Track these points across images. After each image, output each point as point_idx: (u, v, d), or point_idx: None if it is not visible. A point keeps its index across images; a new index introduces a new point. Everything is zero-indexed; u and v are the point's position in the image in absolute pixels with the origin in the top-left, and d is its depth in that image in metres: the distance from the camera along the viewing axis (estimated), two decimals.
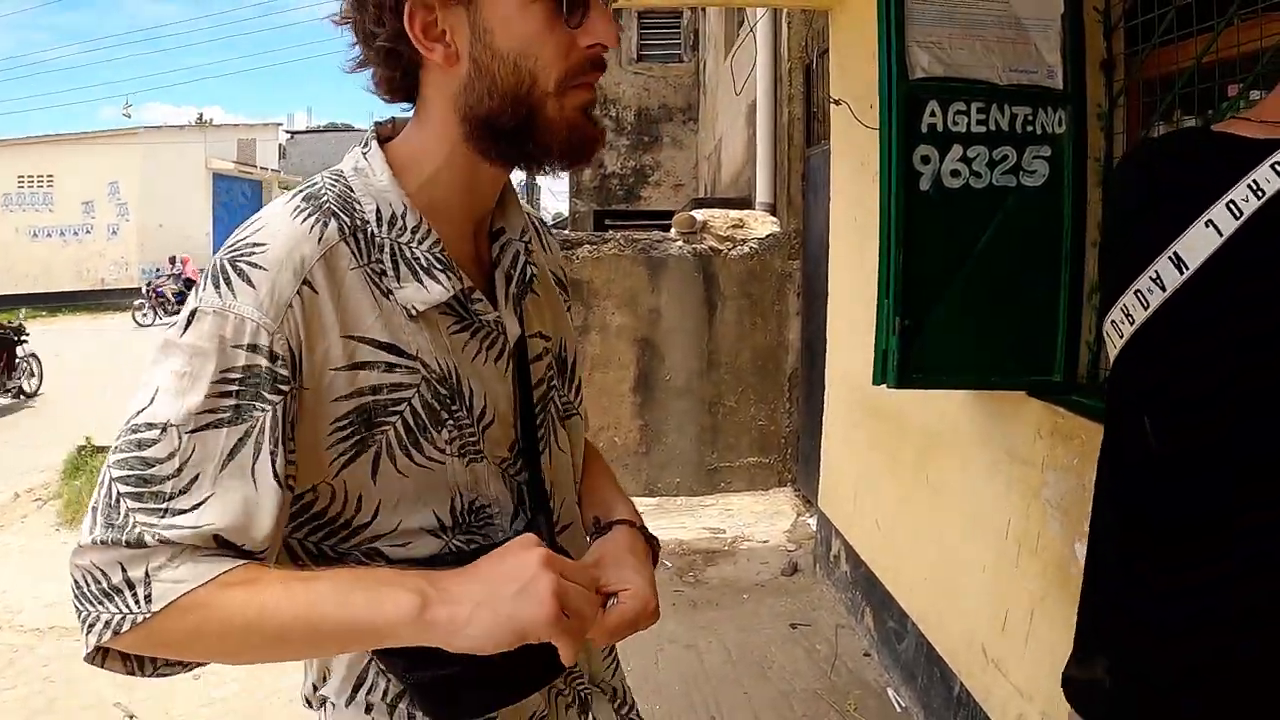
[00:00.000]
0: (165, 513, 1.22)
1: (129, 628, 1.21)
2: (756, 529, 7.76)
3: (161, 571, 1.21)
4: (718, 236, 8.67)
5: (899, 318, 3.26)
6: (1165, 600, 1.70)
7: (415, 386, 1.35)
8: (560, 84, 1.32)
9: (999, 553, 3.74)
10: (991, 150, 3.23)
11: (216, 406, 1.24)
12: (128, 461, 1.24)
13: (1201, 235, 1.57)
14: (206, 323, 1.25)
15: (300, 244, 1.29)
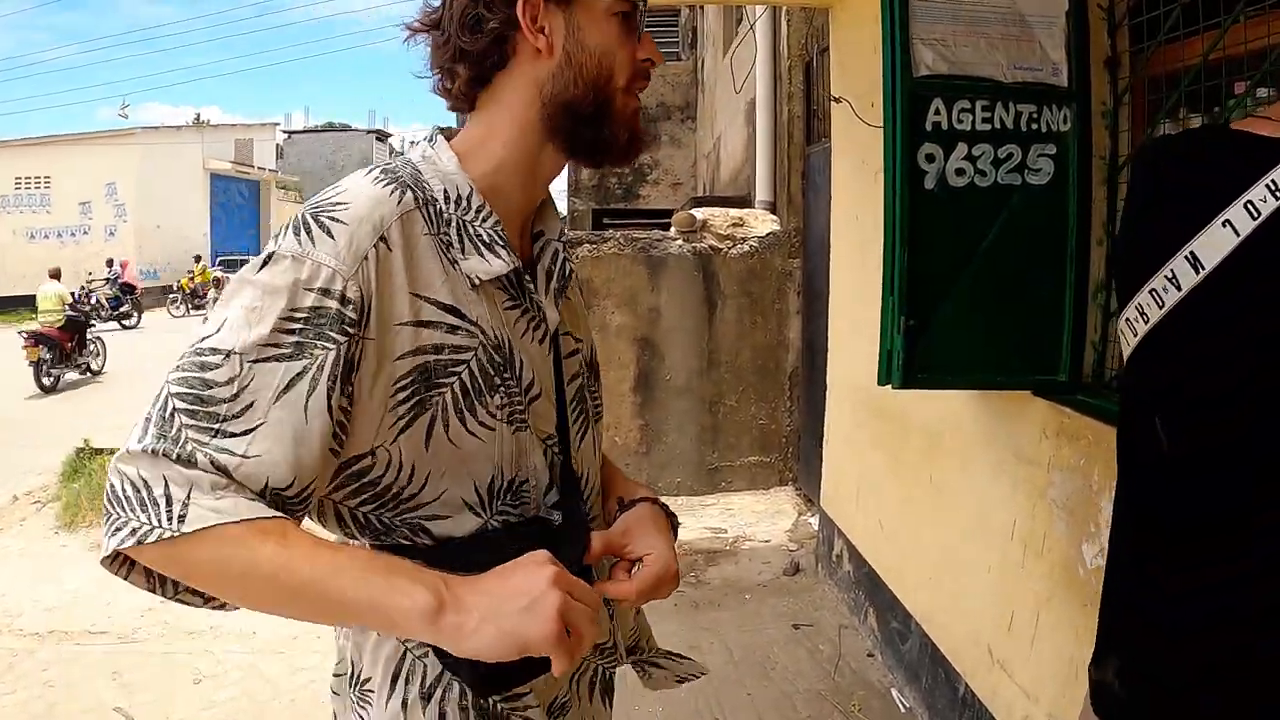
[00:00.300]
0: (217, 433, 1.29)
1: (154, 540, 1.25)
2: (758, 529, 7.75)
3: (203, 498, 1.26)
4: (718, 235, 8.65)
5: (904, 317, 3.24)
6: (1179, 601, 1.69)
7: (474, 350, 1.47)
8: (628, 83, 1.57)
9: (1004, 553, 3.73)
10: (996, 148, 3.21)
11: (280, 341, 1.32)
12: (188, 380, 1.31)
13: (1219, 235, 1.55)
14: (283, 265, 1.35)
15: (381, 205, 1.42)
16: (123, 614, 6.52)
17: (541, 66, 1.53)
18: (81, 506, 8.90)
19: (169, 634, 6.19)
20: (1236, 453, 1.60)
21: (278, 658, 5.76)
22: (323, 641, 5.95)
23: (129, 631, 6.22)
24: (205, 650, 5.89)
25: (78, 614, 6.57)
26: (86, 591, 7.01)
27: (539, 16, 1.50)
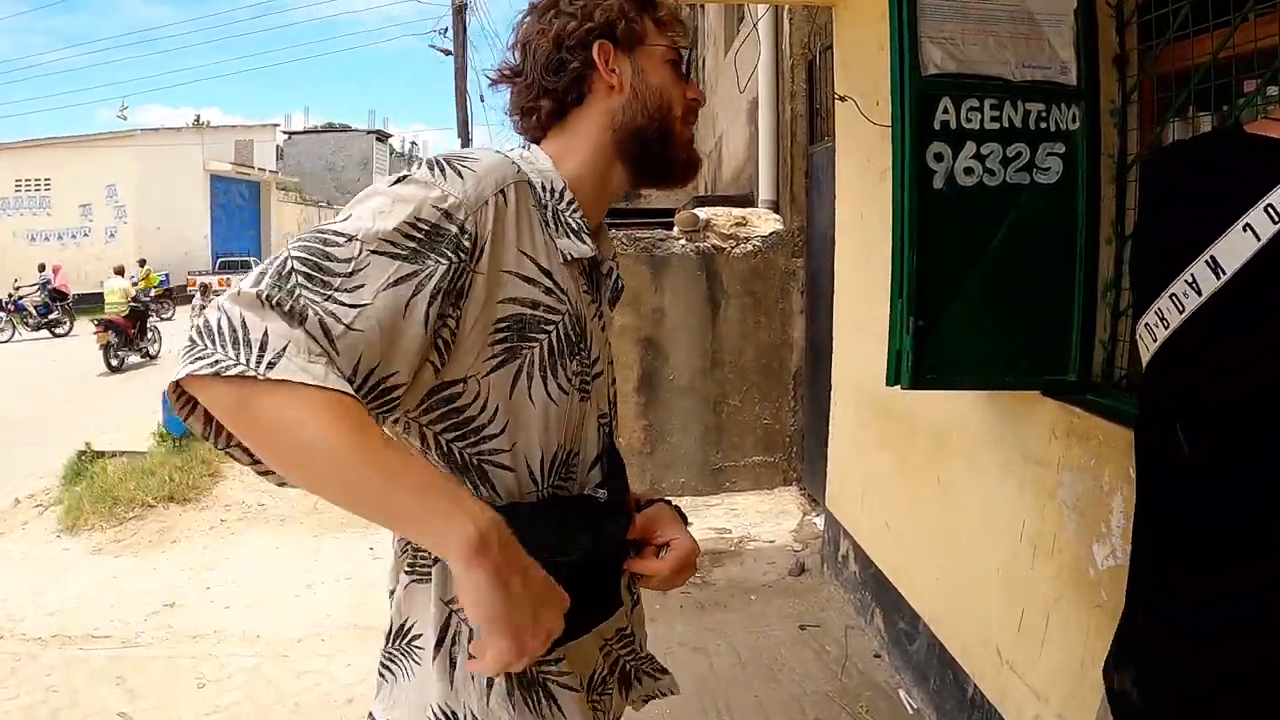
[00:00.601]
0: (328, 298, 1.42)
1: (232, 374, 1.33)
2: (762, 529, 7.74)
3: (296, 356, 1.36)
4: (721, 234, 8.64)
5: (913, 318, 3.23)
6: (1199, 606, 1.69)
7: (562, 315, 1.69)
8: (683, 115, 1.87)
9: (1013, 554, 3.71)
10: (1005, 147, 3.20)
11: (399, 241, 1.48)
12: (310, 248, 1.46)
13: (1239, 239, 1.54)
14: (416, 184, 1.55)
15: (504, 167, 1.65)
16: (126, 618, 6.51)
17: (613, 100, 1.82)
18: (84, 510, 8.88)
19: (172, 638, 6.18)
20: (1257, 458, 1.59)
21: (282, 661, 5.75)
22: (326, 645, 5.96)
23: (132, 636, 6.21)
24: (209, 654, 5.87)
25: (80, 618, 6.55)
26: (89, 595, 7.00)
27: (611, 60, 1.80)
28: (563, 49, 1.79)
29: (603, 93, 1.83)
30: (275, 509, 9.08)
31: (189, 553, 8.04)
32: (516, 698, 1.67)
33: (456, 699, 1.67)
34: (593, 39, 1.79)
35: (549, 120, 1.85)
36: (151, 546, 8.21)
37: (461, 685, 1.67)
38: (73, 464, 10.48)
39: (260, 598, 6.89)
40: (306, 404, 1.34)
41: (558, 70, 1.80)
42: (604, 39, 1.79)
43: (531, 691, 1.70)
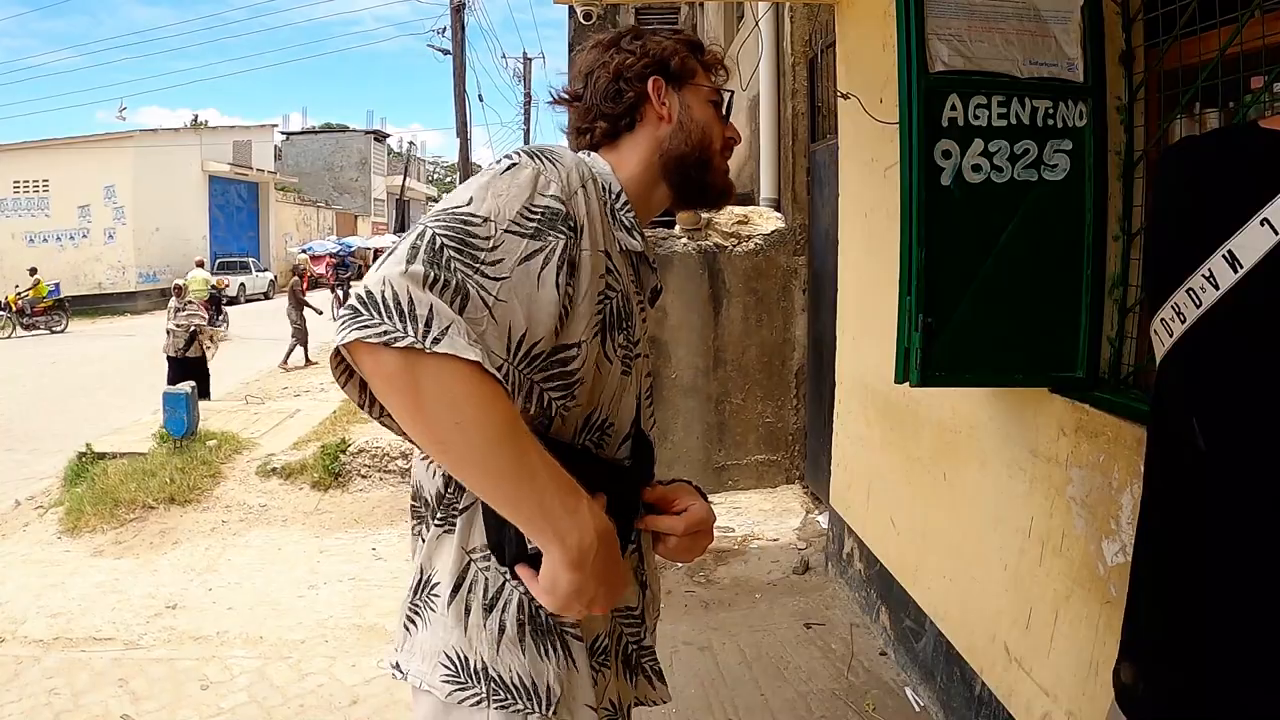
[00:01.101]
0: (479, 271, 1.57)
1: (400, 346, 1.44)
2: (766, 527, 7.74)
3: (458, 336, 1.48)
4: (722, 233, 8.65)
5: (922, 315, 3.23)
6: (1213, 601, 1.68)
7: (619, 291, 1.85)
8: (721, 150, 2.09)
9: (1021, 551, 3.71)
10: (1013, 144, 3.20)
11: (522, 222, 1.65)
12: (452, 226, 1.60)
13: (1256, 234, 1.55)
14: (525, 171, 1.71)
15: (581, 164, 1.83)
16: (128, 620, 6.53)
17: (662, 129, 2.03)
18: (85, 512, 8.91)
19: (175, 640, 6.19)
20: (1275, 453, 1.58)
21: (285, 663, 5.75)
22: (329, 646, 5.97)
23: (134, 638, 6.23)
24: (212, 656, 5.88)
25: (83, 621, 6.56)
26: (91, 598, 7.01)
27: (663, 94, 2.02)
28: (621, 80, 2.01)
29: (653, 121, 2.04)
30: (277, 510, 9.10)
31: (191, 554, 8.07)
32: (528, 644, 1.80)
33: (469, 645, 1.80)
34: (649, 74, 2.01)
35: (602, 140, 2.05)
36: (153, 548, 8.23)
37: (474, 632, 1.80)
38: (73, 465, 10.48)
39: (263, 599, 6.90)
40: (467, 382, 1.47)
41: (615, 98, 2.02)
42: (658, 75, 2.02)
43: (546, 639, 1.82)
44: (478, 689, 1.79)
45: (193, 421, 11.15)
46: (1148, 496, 1.89)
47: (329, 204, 60.05)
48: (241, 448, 11.04)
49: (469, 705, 1.79)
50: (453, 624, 1.81)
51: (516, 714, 1.80)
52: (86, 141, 39.51)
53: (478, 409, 1.48)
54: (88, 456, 10.72)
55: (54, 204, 38.44)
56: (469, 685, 1.79)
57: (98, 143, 39.36)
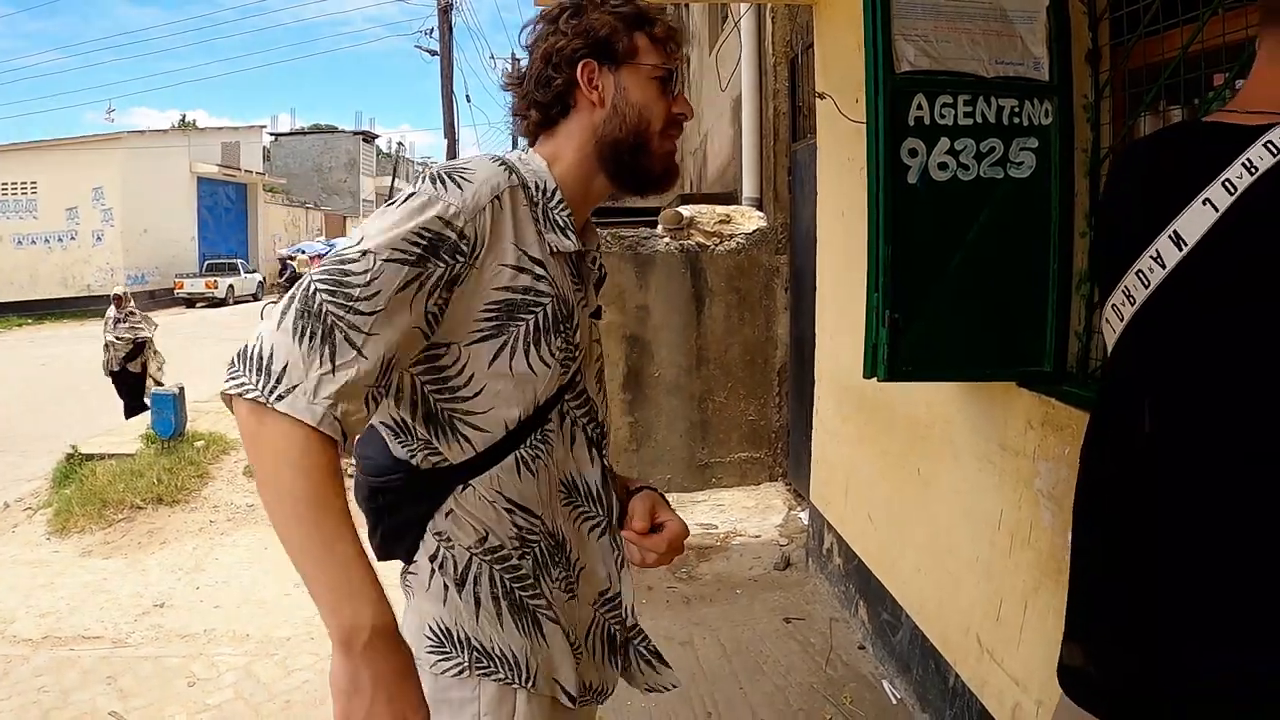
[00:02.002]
0: (350, 309, 1.60)
1: (248, 399, 1.54)
2: (748, 524, 7.78)
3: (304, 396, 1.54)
4: (704, 232, 8.68)
5: (888, 311, 3.27)
6: (1163, 580, 1.75)
7: (550, 297, 1.85)
8: (662, 127, 1.99)
9: (991, 544, 3.76)
10: (979, 142, 3.24)
11: (408, 250, 1.66)
12: (330, 271, 1.63)
13: (1199, 213, 1.65)
14: (420, 199, 1.72)
15: (498, 176, 1.82)
16: (116, 619, 6.55)
17: (596, 115, 1.96)
18: (73, 512, 8.92)
19: (162, 638, 6.22)
20: (1221, 431, 1.68)
21: (271, 660, 5.79)
22: (315, 643, 6.00)
23: (122, 636, 6.25)
24: (199, 654, 5.91)
25: (71, 620, 6.59)
26: (79, 597, 7.04)
27: (595, 78, 1.94)
28: (550, 65, 1.95)
29: (586, 106, 1.97)
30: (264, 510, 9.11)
31: (178, 554, 8.09)
32: (505, 617, 1.90)
33: (450, 617, 1.90)
34: (579, 58, 1.93)
35: (538, 128, 2.01)
36: (141, 548, 8.25)
37: (452, 604, 1.90)
38: (61, 467, 10.49)
39: (249, 597, 6.93)
40: (294, 447, 1.54)
41: (545, 85, 1.96)
42: (591, 58, 1.94)
43: (521, 616, 1.92)
44: (461, 658, 1.88)
45: (180, 422, 11.15)
46: (1096, 480, 1.94)
47: (318, 205, 59.88)
48: (229, 448, 11.04)
49: (452, 674, 1.89)
50: (432, 599, 1.90)
51: (499, 682, 1.89)
52: (74, 143, 39.29)
53: (294, 474, 1.54)
54: (76, 458, 10.72)
55: (42, 206, 38.25)
56: (453, 654, 1.88)
57: (86, 144, 39.15)
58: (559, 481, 1.97)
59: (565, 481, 1.99)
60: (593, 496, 2.04)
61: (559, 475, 1.97)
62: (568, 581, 2.00)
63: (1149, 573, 1.78)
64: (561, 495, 1.98)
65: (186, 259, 40.98)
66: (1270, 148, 1.60)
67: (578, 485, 2.02)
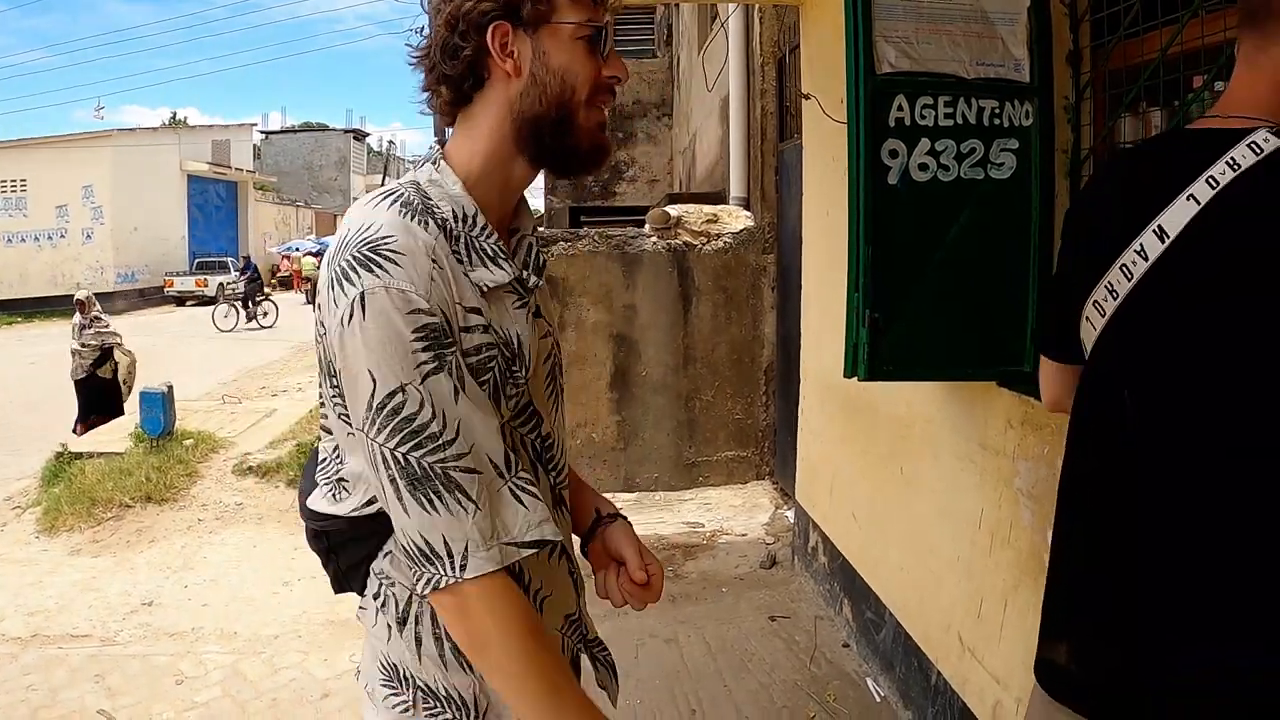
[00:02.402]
0: (444, 446, 1.52)
1: (443, 587, 1.54)
2: (735, 522, 7.80)
3: (479, 552, 1.53)
4: (692, 232, 8.71)
5: (869, 311, 3.28)
6: (1142, 572, 1.79)
7: (498, 347, 1.66)
8: (589, 98, 1.72)
9: (972, 542, 3.78)
10: (959, 143, 3.26)
11: (423, 360, 1.52)
12: (395, 428, 1.52)
13: (1182, 208, 1.70)
14: (378, 299, 1.51)
15: (418, 233, 1.58)
16: (104, 618, 6.55)
17: (512, 87, 1.69)
18: (62, 511, 8.91)
19: (150, 636, 6.23)
20: (1205, 424, 1.73)
21: (258, 659, 5.80)
22: (302, 641, 6.02)
23: (111, 635, 6.26)
24: (187, 652, 5.92)
25: (60, 618, 6.59)
26: (68, 596, 7.03)
27: (509, 43, 1.66)
28: (456, 32, 1.68)
29: (501, 79, 1.70)
30: (252, 508, 9.12)
31: (167, 552, 8.08)
32: (448, 657, 1.75)
33: (396, 654, 1.78)
34: (488, 21, 1.66)
35: (452, 108, 1.77)
36: (129, 547, 8.24)
37: (395, 643, 1.77)
38: (50, 466, 10.48)
39: (237, 596, 6.94)
40: (498, 594, 1.57)
41: (453, 55, 1.69)
42: (503, 19, 1.66)
43: (464, 654, 1.74)
44: (407, 696, 1.79)
45: (169, 421, 11.13)
46: (1078, 473, 1.99)
47: (308, 203, 59.82)
48: (218, 447, 11.04)
49: (400, 710, 1.80)
50: (379, 637, 1.81)
51: None
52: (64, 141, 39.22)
53: (515, 634, 1.58)
54: (65, 457, 10.72)
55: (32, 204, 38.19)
56: (400, 691, 1.79)
57: (76, 142, 39.08)
58: None
59: None
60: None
61: None
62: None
63: (1130, 566, 1.81)
64: None
65: (176, 257, 40.90)
66: (1254, 147, 1.66)
67: None
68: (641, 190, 16.52)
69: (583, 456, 8.60)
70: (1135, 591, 1.81)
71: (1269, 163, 1.66)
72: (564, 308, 8.53)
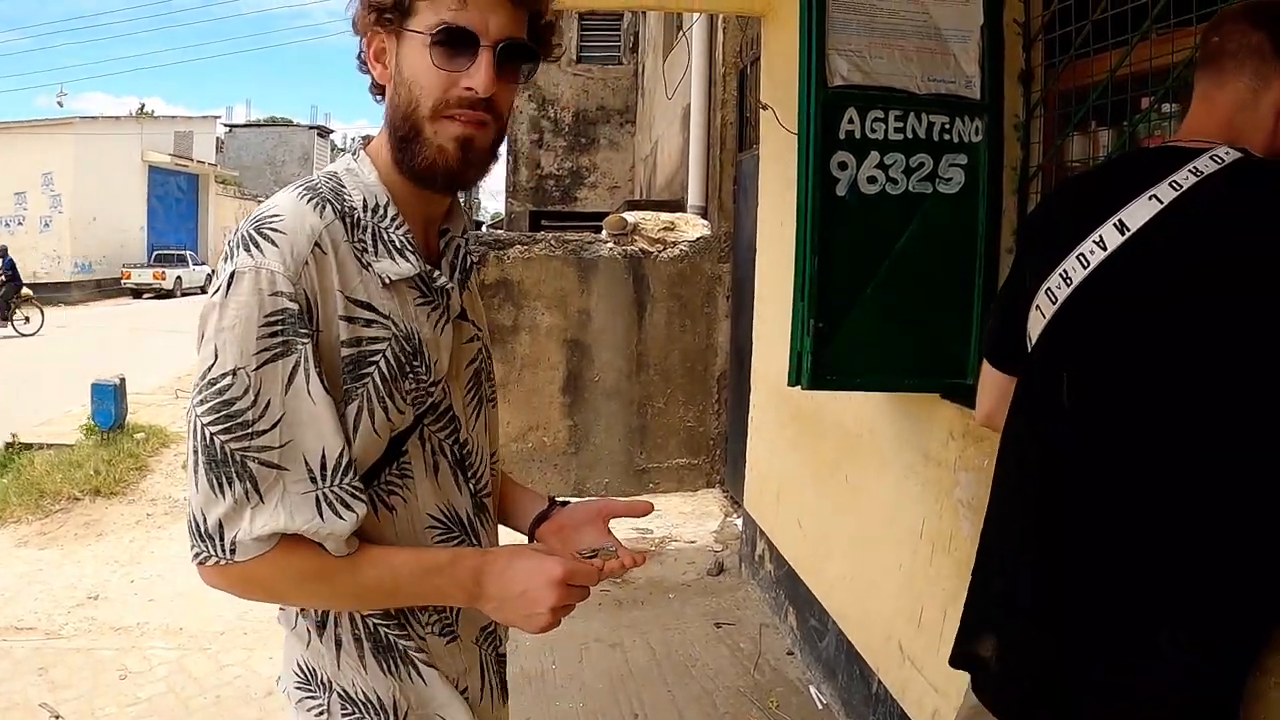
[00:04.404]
0: (250, 436, 1.50)
1: (212, 564, 1.53)
2: (684, 529, 7.83)
3: (248, 535, 1.51)
4: (648, 239, 8.74)
5: (813, 320, 3.31)
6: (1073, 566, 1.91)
7: (388, 341, 1.63)
8: (434, 110, 1.61)
9: (914, 551, 3.82)
10: (908, 158, 3.30)
11: (269, 345, 1.50)
12: (213, 407, 1.51)
13: (1144, 205, 1.84)
14: (246, 280, 1.51)
15: (309, 217, 1.58)
16: (49, 610, 6.50)
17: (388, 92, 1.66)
18: (10, 502, 8.82)
19: (95, 630, 6.18)
20: (1140, 416, 1.85)
21: (203, 655, 5.77)
22: (248, 638, 5.98)
23: (55, 628, 6.20)
24: (132, 646, 5.88)
25: (5, 610, 6.52)
26: (13, 588, 6.97)
27: (383, 51, 1.65)
28: (359, 39, 1.71)
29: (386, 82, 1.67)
30: None
31: (115, 546, 8.02)
32: (369, 660, 1.73)
33: (314, 658, 1.76)
34: (369, 24, 1.64)
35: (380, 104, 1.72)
36: (77, 540, 8.18)
37: (314, 647, 1.75)
38: None
39: (184, 591, 6.88)
40: (283, 570, 1.57)
41: (362, 62, 1.71)
42: (378, 25, 1.63)
43: (386, 656, 1.74)
44: (323, 700, 1.76)
45: (121, 414, 11.07)
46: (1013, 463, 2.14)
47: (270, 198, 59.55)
48: (169, 441, 10.98)
49: (314, 715, 1.77)
50: (297, 640, 1.78)
51: None
52: (25, 126, 38.74)
53: (313, 586, 1.61)
54: (15, 447, 10.64)
55: None
56: (317, 694, 1.76)
57: (37, 128, 38.57)
58: (427, 515, 1.76)
59: (437, 514, 1.78)
60: (463, 524, 1.82)
61: (427, 509, 1.76)
62: (444, 624, 1.79)
63: (1061, 557, 1.93)
64: (437, 530, 1.77)
65: (134, 249, 40.57)
66: (1216, 158, 1.80)
67: (451, 515, 1.80)
68: (603, 196, 16.57)
69: (533, 460, 8.61)
70: (1066, 583, 1.90)
71: (1230, 171, 1.79)
72: (519, 311, 8.52)
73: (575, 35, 17.21)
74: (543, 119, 16.66)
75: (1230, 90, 1.92)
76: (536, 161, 16.71)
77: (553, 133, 16.91)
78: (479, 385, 1.91)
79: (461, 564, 1.66)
